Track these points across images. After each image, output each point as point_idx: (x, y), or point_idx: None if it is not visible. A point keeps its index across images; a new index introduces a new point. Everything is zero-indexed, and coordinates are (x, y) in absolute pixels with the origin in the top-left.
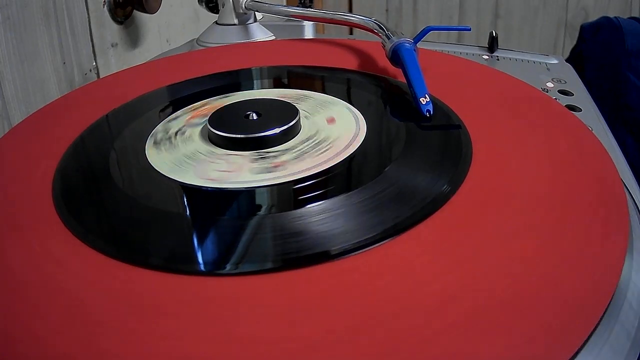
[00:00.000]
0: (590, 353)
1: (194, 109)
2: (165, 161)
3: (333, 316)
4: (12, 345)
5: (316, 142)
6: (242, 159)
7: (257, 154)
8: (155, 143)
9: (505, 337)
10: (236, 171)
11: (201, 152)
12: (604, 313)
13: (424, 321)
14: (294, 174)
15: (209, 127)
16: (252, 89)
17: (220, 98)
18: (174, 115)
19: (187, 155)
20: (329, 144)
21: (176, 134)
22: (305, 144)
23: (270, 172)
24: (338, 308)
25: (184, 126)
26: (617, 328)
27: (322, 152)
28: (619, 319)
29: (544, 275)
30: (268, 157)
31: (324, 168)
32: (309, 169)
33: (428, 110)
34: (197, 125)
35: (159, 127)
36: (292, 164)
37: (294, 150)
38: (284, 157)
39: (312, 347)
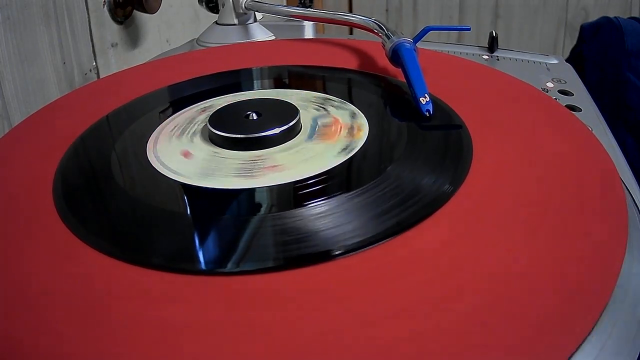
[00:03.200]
0: (590, 352)
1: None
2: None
3: (333, 316)
4: (12, 345)
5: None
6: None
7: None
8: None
9: (505, 335)
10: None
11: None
12: (604, 312)
13: (424, 321)
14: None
15: (209, 127)
16: (252, 89)
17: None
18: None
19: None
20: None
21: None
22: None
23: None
24: (338, 308)
25: (185, 125)
26: (617, 327)
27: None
28: (619, 318)
29: (543, 274)
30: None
31: (325, 168)
32: (309, 169)
33: (428, 110)
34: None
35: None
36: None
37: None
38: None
39: (312, 346)
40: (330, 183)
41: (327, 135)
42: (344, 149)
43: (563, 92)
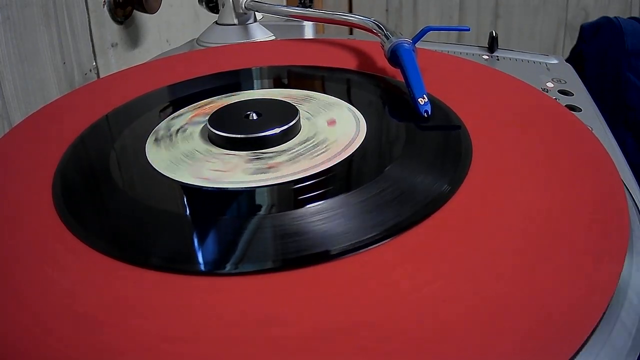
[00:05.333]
0: (591, 353)
1: (198, 107)
2: (163, 158)
3: (333, 316)
4: (10, 345)
5: (315, 143)
6: (242, 158)
7: (257, 154)
8: (157, 140)
9: (505, 337)
10: (235, 171)
11: (199, 151)
12: (604, 313)
13: (423, 321)
14: (294, 174)
15: (209, 126)
16: (252, 88)
17: (226, 97)
18: (177, 112)
19: (185, 153)
20: (327, 146)
21: (177, 131)
22: (305, 144)
23: (270, 172)
24: (338, 308)
25: (185, 124)
26: (617, 328)
27: (321, 153)
28: (619, 319)
29: (543, 274)
30: (268, 157)
31: (324, 168)
32: (309, 169)
33: (426, 111)
34: (198, 123)
35: (162, 124)
36: (292, 164)
37: (293, 151)
38: (284, 158)
39: (312, 346)
40: (328, 183)
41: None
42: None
43: (563, 92)
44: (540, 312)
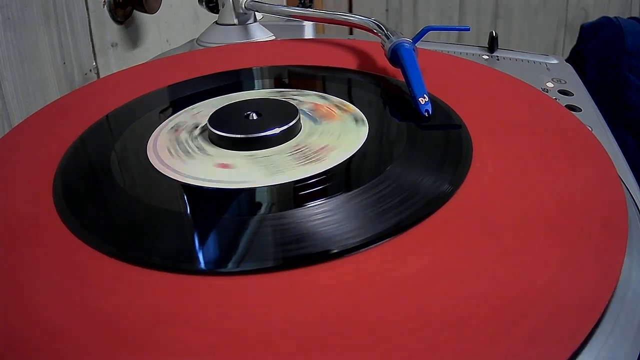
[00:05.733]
0: (591, 353)
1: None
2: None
3: (332, 316)
4: (11, 345)
5: (315, 143)
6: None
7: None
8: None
9: (505, 337)
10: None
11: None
12: (604, 313)
13: (423, 321)
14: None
15: (209, 127)
16: (252, 89)
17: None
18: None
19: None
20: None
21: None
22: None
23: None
24: (338, 307)
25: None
26: (617, 328)
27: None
28: (619, 319)
29: (543, 275)
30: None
31: (325, 168)
32: (309, 169)
33: (427, 110)
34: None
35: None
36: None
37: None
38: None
39: (311, 346)
40: (329, 183)
41: (328, 115)
42: (357, 120)
43: (563, 92)
44: (540, 312)
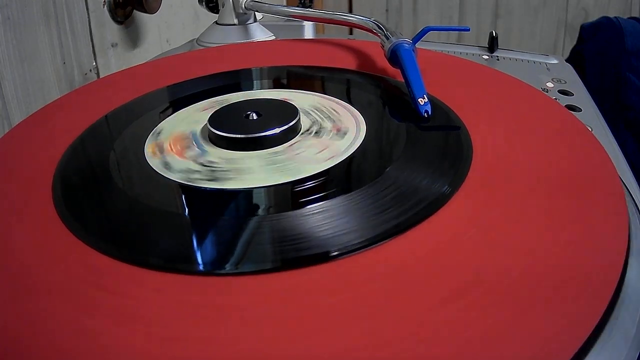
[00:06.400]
0: (591, 353)
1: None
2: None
3: (332, 316)
4: (11, 344)
5: (315, 142)
6: (242, 158)
7: (256, 153)
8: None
9: (505, 337)
10: (235, 171)
11: (201, 151)
12: (604, 313)
13: (423, 322)
14: (293, 174)
15: (209, 127)
16: (252, 89)
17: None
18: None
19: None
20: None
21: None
22: (305, 144)
23: (270, 171)
24: (338, 308)
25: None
26: (617, 328)
27: (321, 154)
28: (619, 319)
29: (543, 275)
30: (267, 157)
31: (325, 168)
32: (309, 169)
33: (426, 111)
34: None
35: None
36: (292, 163)
37: (293, 151)
38: (284, 157)
39: (311, 347)
40: (328, 184)
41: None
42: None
43: (563, 92)
44: (540, 313)
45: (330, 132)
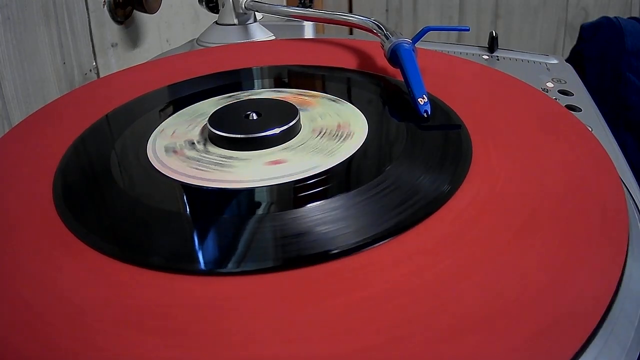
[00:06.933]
0: (591, 353)
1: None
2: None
3: (333, 316)
4: (12, 344)
5: (316, 142)
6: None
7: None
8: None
9: (505, 337)
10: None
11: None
12: (604, 313)
13: (423, 322)
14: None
15: (209, 127)
16: (252, 88)
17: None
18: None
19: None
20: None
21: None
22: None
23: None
24: (338, 308)
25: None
26: (618, 328)
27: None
28: (619, 319)
29: (543, 275)
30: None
31: (325, 168)
32: (309, 169)
33: (426, 111)
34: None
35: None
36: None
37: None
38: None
39: (312, 347)
40: (328, 183)
41: (306, 103)
42: (344, 149)
43: (563, 92)
44: (540, 313)
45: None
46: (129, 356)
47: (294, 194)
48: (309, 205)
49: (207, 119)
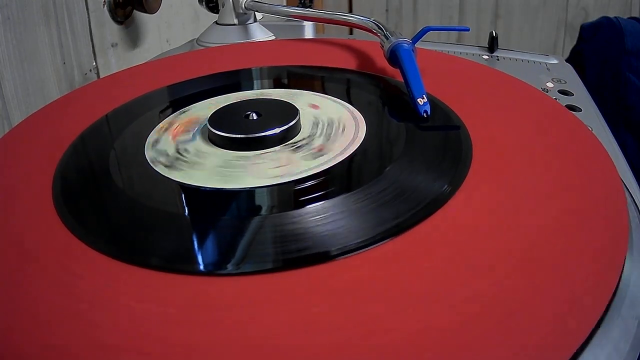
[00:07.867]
0: (591, 353)
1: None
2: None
3: (333, 316)
4: (11, 344)
5: (316, 143)
6: (242, 158)
7: (256, 153)
8: (169, 166)
9: (505, 338)
10: (236, 171)
11: (201, 151)
12: (604, 313)
13: (423, 322)
14: (293, 174)
15: (209, 126)
16: (252, 88)
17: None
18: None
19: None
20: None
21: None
22: (306, 143)
23: (269, 172)
24: (338, 308)
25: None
26: (617, 328)
27: (321, 153)
28: (619, 319)
29: (543, 275)
30: (268, 157)
31: (325, 168)
32: (309, 169)
33: (425, 111)
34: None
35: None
36: (293, 163)
37: (294, 151)
38: (284, 157)
39: (312, 347)
40: (328, 184)
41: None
42: (344, 149)
43: (563, 92)
44: (540, 313)
45: (329, 132)
46: (129, 355)
47: (294, 194)
48: (309, 206)
49: (207, 119)
